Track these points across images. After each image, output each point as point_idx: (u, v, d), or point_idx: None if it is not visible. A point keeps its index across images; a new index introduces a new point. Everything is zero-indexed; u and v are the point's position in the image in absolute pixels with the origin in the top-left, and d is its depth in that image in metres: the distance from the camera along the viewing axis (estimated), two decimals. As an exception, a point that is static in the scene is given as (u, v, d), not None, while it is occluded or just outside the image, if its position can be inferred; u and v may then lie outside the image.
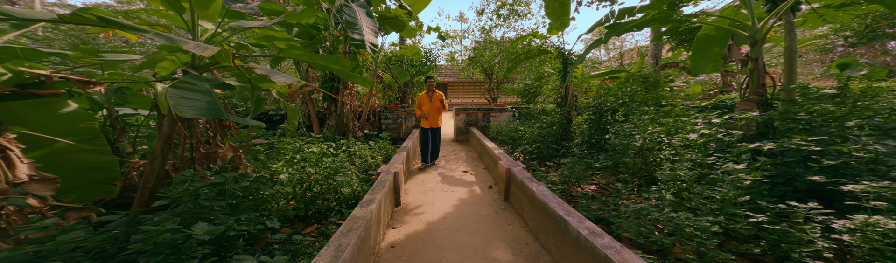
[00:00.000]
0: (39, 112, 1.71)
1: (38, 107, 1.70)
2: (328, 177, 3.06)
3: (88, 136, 1.92)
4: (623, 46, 15.13)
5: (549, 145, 4.70)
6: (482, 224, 2.81)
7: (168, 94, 1.38)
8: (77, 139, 1.88)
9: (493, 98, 10.30)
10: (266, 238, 2.39)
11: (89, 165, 2.00)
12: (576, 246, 1.75)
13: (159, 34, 1.40)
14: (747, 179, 1.84)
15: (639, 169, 3.32)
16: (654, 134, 3.07)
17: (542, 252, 2.27)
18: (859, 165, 1.84)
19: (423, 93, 5.00)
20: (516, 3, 8.56)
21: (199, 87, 1.58)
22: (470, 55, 10.65)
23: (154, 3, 2.58)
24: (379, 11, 6.26)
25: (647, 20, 3.43)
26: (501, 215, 3.01)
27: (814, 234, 1.70)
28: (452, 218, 2.94)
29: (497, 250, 2.34)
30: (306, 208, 2.90)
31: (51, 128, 1.77)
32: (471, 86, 22.00)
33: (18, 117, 1.64)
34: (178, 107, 1.35)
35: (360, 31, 3.89)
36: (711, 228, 1.87)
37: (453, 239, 2.52)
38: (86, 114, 1.90)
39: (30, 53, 1.81)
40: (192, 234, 1.63)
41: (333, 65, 2.72)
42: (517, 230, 2.68)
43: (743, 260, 1.95)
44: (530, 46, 6.88)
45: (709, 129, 2.46)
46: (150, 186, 1.91)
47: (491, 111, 7.97)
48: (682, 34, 5.42)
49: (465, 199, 3.47)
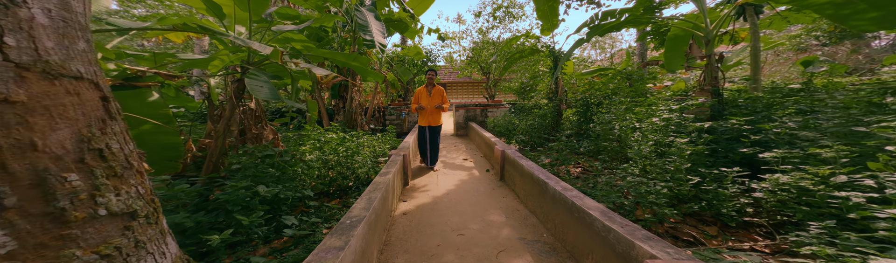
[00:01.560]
0: (134, 100, 2.19)
1: (133, 96, 2.18)
2: (347, 158, 3.55)
3: (165, 120, 2.41)
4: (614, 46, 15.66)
5: (541, 135, 5.19)
6: (480, 197, 3.31)
7: (246, 82, 1.86)
8: (157, 123, 2.36)
9: (490, 95, 10.81)
10: (301, 206, 2.88)
11: (163, 145, 2.48)
12: (553, 202, 2.25)
13: (237, 38, 1.89)
14: (688, 150, 2.33)
15: (617, 152, 3.82)
16: (629, 121, 3.57)
17: (529, 215, 2.77)
18: (776, 138, 2.33)
19: (421, 88, 4.45)
20: (511, 5, 9.07)
21: (261, 78, 2.07)
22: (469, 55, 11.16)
23: (201, 12, 3.07)
24: (383, 14, 6.75)
25: (621, 22, 3.93)
26: (497, 191, 3.51)
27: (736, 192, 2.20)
28: (454, 194, 3.44)
29: (492, 215, 2.83)
30: (329, 185, 3.40)
31: (140, 113, 2.25)
32: (470, 85, 22.50)
33: (122, 104, 2.13)
34: (254, 92, 1.84)
35: (370, 33, 4.38)
36: (662, 190, 2.37)
37: (456, 208, 3.01)
38: (163, 103, 2.39)
39: (120, 54, 2.29)
40: (257, 192, 2.12)
41: (353, 62, 3.22)
42: (510, 201, 3.18)
43: (689, 219, 2.45)
44: (524, 46, 7.39)
45: (669, 114, 2.96)
46: (214, 159, 2.39)
47: (488, 107, 8.47)
48: (662, 34, 5.92)
49: (465, 180, 3.96)
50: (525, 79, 9.93)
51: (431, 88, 4.40)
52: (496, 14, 9.34)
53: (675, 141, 2.45)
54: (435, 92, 4.38)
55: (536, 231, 2.43)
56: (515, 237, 2.34)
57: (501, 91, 11.57)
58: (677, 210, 2.33)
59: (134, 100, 2.20)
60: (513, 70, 9.56)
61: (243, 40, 1.91)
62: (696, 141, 2.50)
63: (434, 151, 4.53)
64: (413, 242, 2.30)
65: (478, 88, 21.76)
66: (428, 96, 4.38)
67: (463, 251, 2.14)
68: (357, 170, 3.54)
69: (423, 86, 4.47)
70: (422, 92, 4.44)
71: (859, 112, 2.19)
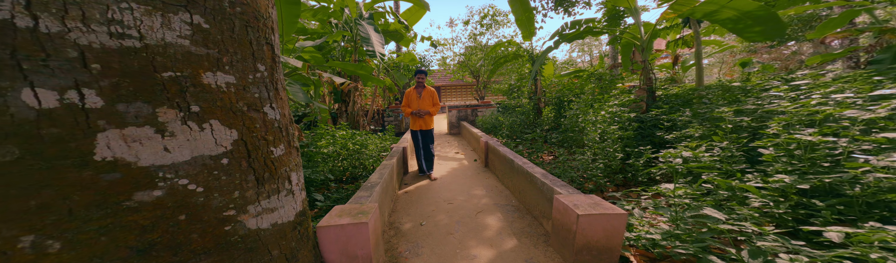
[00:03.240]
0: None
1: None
2: (357, 152, 4.29)
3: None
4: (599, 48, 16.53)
5: (522, 130, 5.95)
6: (467, 179, 4.05)
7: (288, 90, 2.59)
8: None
9: (480, 96, 11.59)
10: (324, 188, 3.61)
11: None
12: (517, 172, 2.99)
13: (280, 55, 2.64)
14: (617, 134, 3.09)
15: (578, 140, 4.58)
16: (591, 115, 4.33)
17: (504, 190, 3.51)
18: (681, 124, 3.10)
19: (410, 90, 4.09)
20: (497, 14, 9.90)
21: (295, 86, 2.80)
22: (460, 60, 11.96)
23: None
24: (380, 25, 7.52)
25: (581, 32, 4.71)
26: (481, 175, 4.25)
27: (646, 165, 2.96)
28: (446, 177, 4.17)
29: (476, 190, 3.57)
30: (342, 173, 4.12)
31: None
32: (462, 88, 23.29)
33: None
34: (295, 96, 2.56)
35: (372, 45, 5.13)
36: (599, 166, 3.12)
37: (447, 187, 3.74)
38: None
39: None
40: (296, 170, 2.84)
41: (359, 71, 3.97)
42: (491, 181, 3.92)
43: (619, 189, 3.20)
44: (508, 51, 8.18)
45: (614, 108, 3.71)
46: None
47: (478, 107, 9.24)
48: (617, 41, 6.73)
49: (456, 168, 4.71)
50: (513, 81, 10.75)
51: (422, 90, 4.07)
52: (484, 22, 10.17)
53: (611, 128, 3.22)
54: (425, 94, 4.07)
55: (507, 199, 3.17)
56: (491, 203, 3.08)
57: (491, 92, 12.37)
58: (610, 179, 3.09)
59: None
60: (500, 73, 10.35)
61: (284, 58, 2.65)
62: (627, 128, 3.27)
63: (428, 157, 4.22)
64: (413, 209, 3.03)
65: (470, 90, 22.56)
66: (418, 98, 4.06)
67: (451, 213, 2.88)
68: (365, 161, 4.27)
69: (412, 88, 4.11)
70: (411, 94, 4.09)
71: (720, 103, 2.99)
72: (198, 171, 0.94)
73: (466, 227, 2.49)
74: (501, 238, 2.26)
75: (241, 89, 1.06)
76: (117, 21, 0.79)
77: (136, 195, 0.83)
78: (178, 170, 0.91)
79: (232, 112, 1.03)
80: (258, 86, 1.13)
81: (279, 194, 1.21)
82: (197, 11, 0.92)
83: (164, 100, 0.87)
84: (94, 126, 0.78)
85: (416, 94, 4.08)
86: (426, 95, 4.08)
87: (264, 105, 1.15)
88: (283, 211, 1.23)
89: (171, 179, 0.90)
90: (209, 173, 0.97)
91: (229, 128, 1.02)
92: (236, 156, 1.04)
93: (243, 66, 1.07)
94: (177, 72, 0.89)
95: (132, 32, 0.81)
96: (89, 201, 0.78)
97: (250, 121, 1.09)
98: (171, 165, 0.89)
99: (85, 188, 0.77)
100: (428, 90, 4.10)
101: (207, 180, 0.97)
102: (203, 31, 0.94)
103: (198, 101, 0.94)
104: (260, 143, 1.13)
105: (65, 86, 0.74)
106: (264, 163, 1.14)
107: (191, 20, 0.91)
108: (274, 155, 1.19)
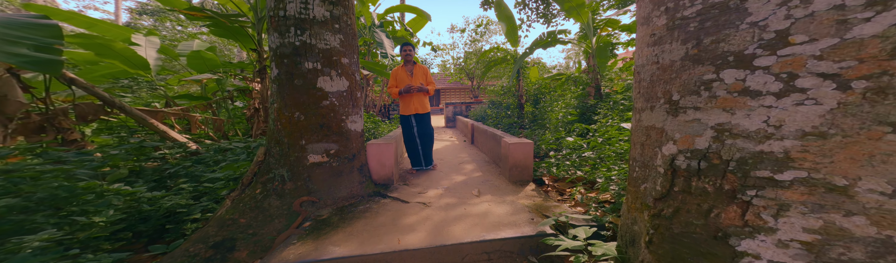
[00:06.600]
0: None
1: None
2: (373, 129, 5.59)
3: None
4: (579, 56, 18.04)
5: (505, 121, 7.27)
6: (457, 150, 5.36)
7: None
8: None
9: (475, 96, 12.96)
10: (349, 151, 4.90)
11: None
12: (488, 136, 4.30)
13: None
14: (567, 118, 4.43)
15: (543, 126, 5.90)
16: (552, 106, 5.66)
17: (482, 154, 4.81)
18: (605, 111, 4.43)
19: (397, 68, 3.51)
20: (490, 23, 11.34)
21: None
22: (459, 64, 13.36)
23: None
24: (389, 31, 8.90)
25: (549, 42, 6.07)
26: (468, 148, 5.56)
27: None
28: (440, 150, 5.48)
29: (462, 156, 4.87)
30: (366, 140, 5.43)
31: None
32: (461, 91, 24.70)
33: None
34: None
35: (384, 48, 6.48)
36: (550, 139, 4.44)
37: (440, 153, 5.04)
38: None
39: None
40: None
41: (377, 67, 5.30)
42: (475, 151, 5.23)
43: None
44: (497, 56, 9.56)
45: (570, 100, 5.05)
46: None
47: (472, 104, 10.60)
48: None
49: (448, 145, 6.02)
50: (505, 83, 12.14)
51: (411, 67, 3.49)
52: (478, 30, 11.60)
53: (561, 113, 4.54)
54: (417, 71, 3.47)
55: (482, 158, 4.48)
56: (470, 159, 4.39)
57: (485, 93, 13.75)
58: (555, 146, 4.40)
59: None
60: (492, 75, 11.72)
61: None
62: (572, 113, 4.60)
63: (427, 146, 3.62)
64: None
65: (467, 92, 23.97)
66: (409, 76, 3.44)
67: (442, 164, 4.17)
68: (380, 135, 5.58)
69: (400, 66, 3.51)
70: (400, 72, 3.48)
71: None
72: (337, 96, 2.27)
73: (452, 169, 3.79)
74: (472, 173, 3.56)
75: (350, 65, 2.39)
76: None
77: (322, 103, 2.16)
78: (332, 96, 2.23)
79: (347, 73, 2.36)
80: (352, 65, 2.46)
81: (358, 115, 2.53)
82: (339, 32, 2.26)
83: (332, 68, 2.21)
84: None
85: (405, 72, 3.45)
86: (418, 73, 3.47)
87: (355, 72, 2.48)
88: (358, 125, 2.54)
89: (330, 98, 2.23)
90: (339, 98, 2.29)
91: (346, 80, 2.35)
92: (346, 93, 2.36)
93: (351, 54, 2.41)
94: (334, 56, 2.22)
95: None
96: (310, 103, 2.11)
97: (352, 79, 2.42)
98: (335, 92, 2.22)
99: (314, 100, 2.10)
100: (419, 67, 3.51)
101: (339, 101, 2.29)
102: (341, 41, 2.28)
103: (340, 69, 2.27)
104: (354, 88, 2.45)
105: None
106: (353, 99, 2.46)
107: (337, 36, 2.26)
108: (356, 96, 2.51)
